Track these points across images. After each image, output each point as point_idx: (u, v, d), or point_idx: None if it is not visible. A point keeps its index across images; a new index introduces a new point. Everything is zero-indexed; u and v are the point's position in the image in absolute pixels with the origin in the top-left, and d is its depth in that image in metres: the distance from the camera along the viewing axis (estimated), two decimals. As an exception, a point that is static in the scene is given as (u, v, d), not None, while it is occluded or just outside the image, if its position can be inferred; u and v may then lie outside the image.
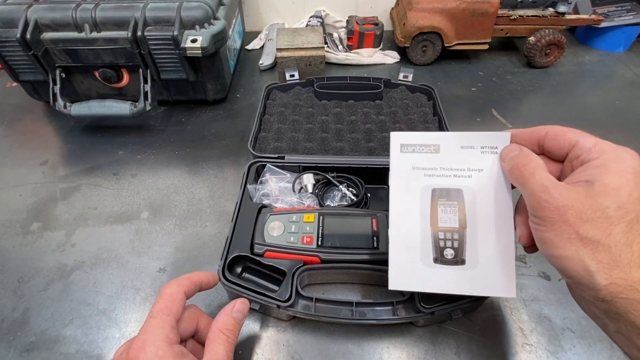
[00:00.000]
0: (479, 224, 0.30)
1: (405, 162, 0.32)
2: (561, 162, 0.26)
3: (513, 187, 0.28)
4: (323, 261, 0.37)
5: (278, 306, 0.34)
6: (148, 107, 0.56)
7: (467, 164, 0.30)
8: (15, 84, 0.60)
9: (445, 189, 0.31)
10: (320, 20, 0.79)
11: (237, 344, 0.34)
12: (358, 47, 0.76)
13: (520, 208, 0.28)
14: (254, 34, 0.83)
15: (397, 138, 0.32)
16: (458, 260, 0.30)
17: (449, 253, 0.30)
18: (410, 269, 0.30)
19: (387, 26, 0.81)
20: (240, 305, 0.31)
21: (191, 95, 0.62)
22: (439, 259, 0.30)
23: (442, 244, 0.30)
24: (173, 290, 0.29)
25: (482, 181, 0.30)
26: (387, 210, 0.41)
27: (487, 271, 0.29)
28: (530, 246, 0.26)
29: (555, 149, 0.26)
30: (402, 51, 0.76)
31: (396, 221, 0.31)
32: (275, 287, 0.36)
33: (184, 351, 0.27)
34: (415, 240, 0.31)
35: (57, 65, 0.55)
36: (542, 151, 0.27)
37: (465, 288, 0.30)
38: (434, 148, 0.31)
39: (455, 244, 0.30)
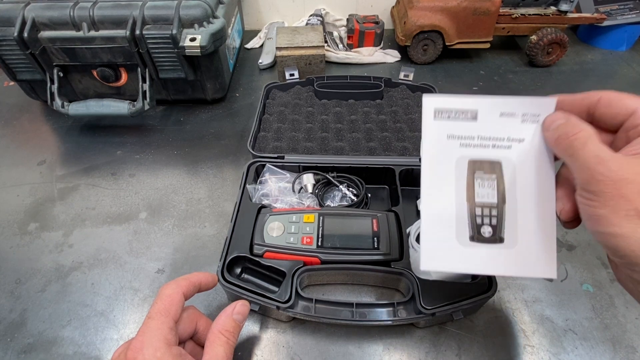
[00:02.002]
0: (518, 200, 0.28)
1: (440, 130, 0.28)
2: (613, 132, 0.24)
3: (556, 159, 0.26)
4: (323, 262, 0.37)
5: (278, 307, 0.33)
6: (146, 107, 0.56)
7: (506, 133, 0.27)
8: (12, 83, 0.59)
9: (484, 161, 0.28)
10: (320, 19, 0.78)
11: (236, 345, 0.34)
12: (358, 46, 0.76)
13: (561, 180, 0.26)
14: (254, 33, 0.83)
15: (430, 102, 0.28)
16: (496, 238, 0.27)
17: (486, 230, 0.28)
18: (445, 248, 0.28)
19: (388, 25, 0.81)
20: (241, 307, 0.31)
21: (190, 95, 0.62)
22: (476, 236, 0.28)
23: (479, 220, 0.28)
24: (172, 291, 0.29)
25: (522, 153, 0.27)
26: (388, 210, 0.41)
27: (527, 250, 0.27)
28: (571, 222, 0.24)
29: (608, 117, 0.23)
30: (402, 50, 0.76)
31: (429, 196, 0.28)
32: (275, 288, 0.36)
33: (183, 352, 0.27)
34: (450, 217, 0.28)
35: (54, 64, 0.55)
36: (592, 120, 0.24)
37: (502, 268, 0.28)
38: (472, 115, 0.28)
39: (494, 221, 0.28)
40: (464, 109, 0.28)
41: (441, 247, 0.28)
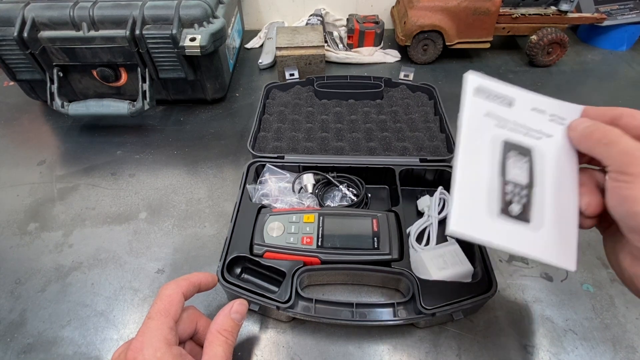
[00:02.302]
0: (546, 188, 0.29)
1: (479, 107, 0.30)
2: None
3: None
4: (323, 262, 0.37)
5: (278, 307, 0.33)
6: (146, 107, 0.56)
7: (537, 126, 0.30)
8: (12, 83, 0.59)
9: (517, 144, 0.30)
10: (320, 19, 0.78)
11: (236, 346, 0.34)
12: (358, 46, 0.76)
13: (582, 181, 0.28)
14: (254, 33, 0.83)
15: (473, 80, 0.30)
16: (524, 217, 0.28)
17: (515, 208, 0.29)
18: (474, 215, 0.28)
19: (388, 25, 0.81)
20: (238, 306, 0.30)
21: (190, 95, 0.61)
22: (505, 211, 0.28)
23: (509, 197, 0.29)
24: (171, 292, 0.29)
25: (551, 147, 0.29)
26: (388, 210, 0.41)
27: (551, 236, 0.28)
28: (593, 218, 0.26)
29: (632, 126, 0.26)
30: (403, 50, 0.76)
31: (464, 163, 0.29)
32: (275, 288, 0.36)
33: (183, 352, 0.27)
34: (482, 187, 0.29)
35: (54, 64, 0.55)
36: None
37: (526, 248, 0.28)
38: (508, 101, 0.30)
39: (523, 200, 0.29)
40: (502, 95, 0.30)
41: (471, 214, 0.28)
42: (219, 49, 0.56)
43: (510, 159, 0.30)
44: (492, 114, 0.30)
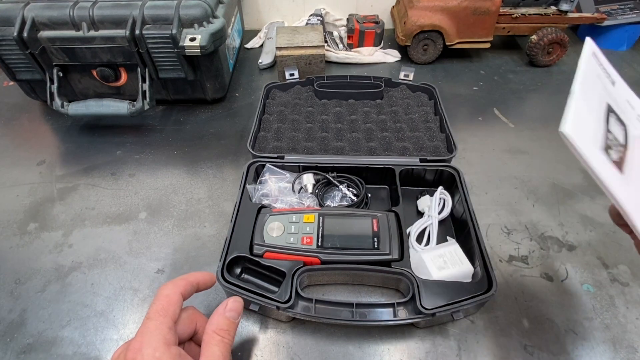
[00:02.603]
0: (635, 162, 0.30)
1: (594, 66, 0.33)
2: None
3: None
4: (323, 262, 0.36)
5: (277, 307, 0.33)
6: (146, 107, 0.56)
7: (629, 115, 0.32)
8: (12, 83, 0.59)
9: (617, 112, 0.32)
10: (320, 19, 0.78)
11: (236, 346, 0.34)
12: (358, 46, 0.76)
13: None
14: (254, 33, 0.83)
15: (591, 45, 0.33)
16: (620, 166, 0.30)
17: (614, 155, 0.30)
18: (585, 132, 0.30)
19: (388, 24, 0.81)
20: (233, 303, 0.30)
21: (190, 95, 0.61)
22: (607, 151, 0.30)
23: (609, 142, 0.30)
24: (169, 292, 0.29)
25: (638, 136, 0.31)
26: (388, 210, 0.41)
27: (637, 194, 0.29)
28: None
29: None
30: (403, 50, 0.75)
31: (582, 88, 0.31)
32: (275, 288, 0.36)
33: (182, 353, 0.27)
34: (592, 116, 0.30)
35: (54, 64, 0.55)
36: None
37: (616, 188, 0.29)
38: (612, 80, 0.33)
39: (619, 153, 0.30)
40: (609, 71, 0.33)
41: (583, 129, 0.29)
42: (219, 49, 0.56)
43: (612, 118, 0.31)
44: (602, 78, 0.33)
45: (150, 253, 0.43)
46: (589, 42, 0.34)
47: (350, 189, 0.46)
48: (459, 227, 0.42)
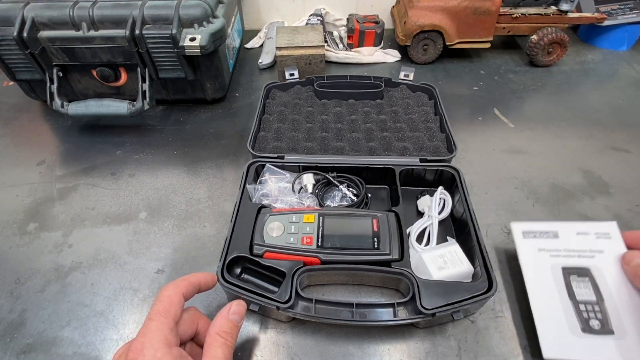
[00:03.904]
0: (615, 297, 0.33)
1: (530, 246, 0.37)
2: None
3: None
4: (323, 262, 0.36)
5: (277, 307, 0.33)
6: (146, 106, 0.56)
7: (587, 246, 0.35)
8: (11, 83, 0.59)
9: (574, 267, 0.34)
10: (320, 19, 0.78)
11: (236, 346, 0.34)
12: (358, 46, 0.76)
13: None
14: (253, 33, 0.83)
15: (518, 227, 0.38)
16: (607, 330, 0.32)
17: (595, 324, 0.32)
18: (561, 339, 0.32)
19: (388, 24, 0.81)
20: (236, 307, 0.30)
21: (190, 95, 0.61)
22: (586, 329, 0.32)
23: (585, 315, 0.32)
24: (170, 292, 0.29)
25: (605, 260, 0.34)
26: (388, 210, 0.41)
27: (638, 341, 0.31)
28: None
29: None
30: (403, 50, 0.75)
31: (536, 296, 0.34)
32: (275, 288, 0.36)
33: (183, 354, 0.27)
34: (558, 312, 0.33)
35: (54, 64, 0.55)
36: None
37: (618, 357, 0.31)
38: (553, 234, 0.37)
39: (599, 315, 0.32)
40: (546, 231, 0.37)
41: (558, 339, 0.32)
42: (218, 49, 0.56)
43: (573, 281, 0.34)
44: (543, 248, 0.36)
45: (150, 253, 0.43)
46: (514, 226, 0.38)
47: (350, 189, 0.46)
48: (459, 227, 0.42)
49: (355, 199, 0.44)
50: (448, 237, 0.41)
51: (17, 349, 0.35)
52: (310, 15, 0.80)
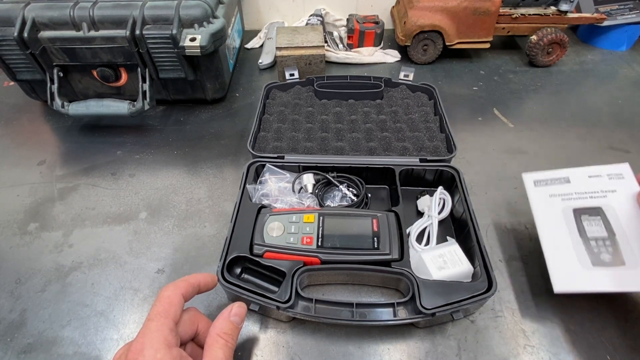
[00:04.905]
0: (627, 231, 0.33)
1: (541, 193, 0.38)
2: None
3: None
4: (323, 262, 0.37)
5: (278, 307, 0.33)
6: (146, 107, 0.56)
7: (599, 187, 0.36)
8: (12, 83, 0.59)
9: (586, 208, 0.35)
10: (320, 19, 0.78)
11: (236, 346, 0.34)
12: (358, 46, 0.76)
13: None
14: (254, 33, 0.83)
15: (529, 177, 0.39)
16: (618, 261, 0.32)
17: (606, 257, 0.33)
18: (572, 273, 0.33)
19: (388, 25, 0.81)
20: (237, 308, 0.31)
21: (190, 95, 0.61)
22: (597, 262, 0.33)
23: (596, 250, 0.33)
24: (170, 293, 0.29)
25: (618, 198, 0.35)
26: (388, 210, 0.41)
27: None
28: None
29: None
30: (402, 50, 0.76)
31: (546, 237, 0.36)
32: (275, 288, 0.36)
33: (183, 354, 0.27)
34: (568, 247, 0.34)
35: (54, 64, 0.55)
36: None
37: (630, 285, 0.32)
38: (565, 180, 0.38)
39: (610, 249, 0.33)
40: (557, 177, 0.38)
41: (568, 273, 0.33)
42: (219, 49, 0.56)
43: (584, 221, 0.35)
44: (555, 193, 0.38)
45: (150, 253, 0.43)
46: (525, 177, 0.40)
47: (350, 189, 0.46)
48: (459, 227, 0.42)
49: (355, 199, 0.44)
50: (448, 237, 0.41)
51: (18, 349, 0.35)
52: (310, 15, 0.80)
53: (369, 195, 0.46)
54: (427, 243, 0.41)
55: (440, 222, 0.42)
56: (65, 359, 0.35)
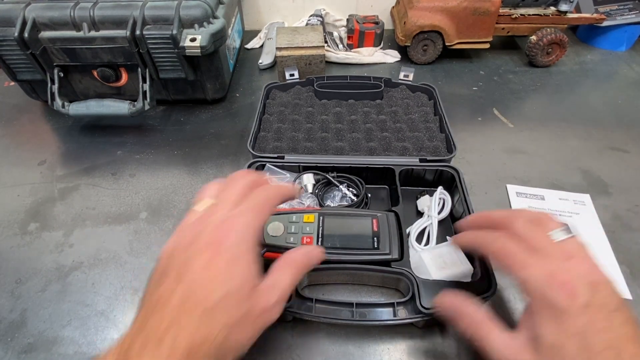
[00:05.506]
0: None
1: (521, 204, 0.46)
2: None
3: None
4: (323, 262, 0.36)
5: (278, 307, 0.33)
6: (147, 107, 0.56)
7: (566, 209, 0.46)
8: (12, 83, 0.59)
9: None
10: (320, 19, 0.78)
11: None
12: (358, 46, 0.76)
13: None
14: (254, 33, 0.83)
15: (513, 188, 0.48)
16: None
17: None
18: None
19: (388, 25, 0.81)
20: (315, 249, 0.30)
21: (190, 95, 0.62)
22: None
23: None
24: (272, 196, 0.28)
25: (580, 220, 0.44)
26: (388, 210, 0.41)
27: None
28: None
29: None
30: (402, 50, 0.76)
31: None
32: (275, 288, 0.36)
33: (258, 259, 0.26)
34: None
35: (55, 64, 0.55)
36: None
37: None
38: (540, 197, 0.47)
39: None
40: (535, 194, 0.48)
41: None
42: (219, 49, 0.56)
43: None
44: (532, 207, 0.46)
45: (150, 253, 0.43)
46: (509, 187, 0.48)
47: (350, 189, 0.46)
48: (459, 227, 0.42)
49: (355, 199, 0.44)
50: (448, 237, 0.41)
51: (18, 349, 0.35)
52: (310, 15, 0.80)
53: (369, 195, 0.46)
54: (427, 243, 0.41)
55: (440, 222, 0.42)
56: (65, 359, 0.35)
